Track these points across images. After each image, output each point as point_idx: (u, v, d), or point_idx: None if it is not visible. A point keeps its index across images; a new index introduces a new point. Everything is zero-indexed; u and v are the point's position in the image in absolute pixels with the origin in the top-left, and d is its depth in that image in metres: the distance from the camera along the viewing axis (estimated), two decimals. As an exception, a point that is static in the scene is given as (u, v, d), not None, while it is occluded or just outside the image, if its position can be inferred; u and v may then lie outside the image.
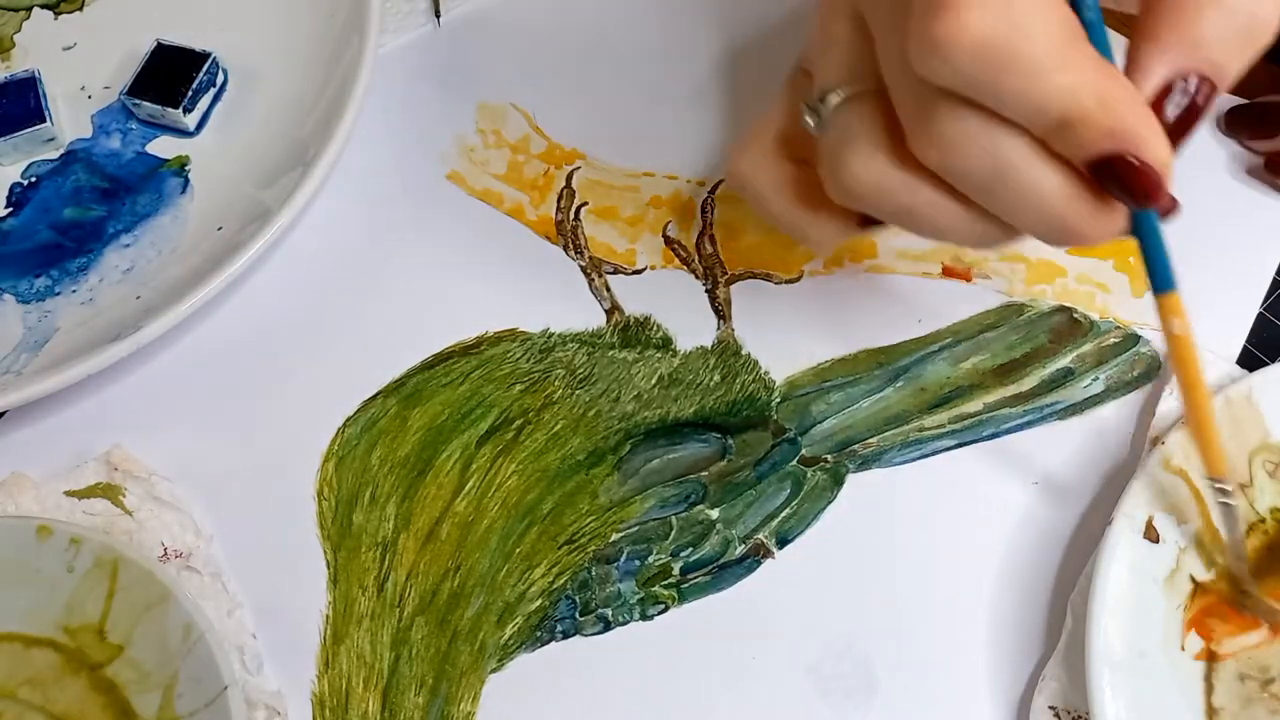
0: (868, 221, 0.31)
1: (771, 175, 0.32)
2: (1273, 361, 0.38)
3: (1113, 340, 0.40)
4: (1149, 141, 0.25)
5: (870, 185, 0.28)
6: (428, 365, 0.41)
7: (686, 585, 0.37)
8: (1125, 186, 0.26)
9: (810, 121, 0.30)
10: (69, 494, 0.38)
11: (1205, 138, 0.43)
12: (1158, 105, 0.27)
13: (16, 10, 0.49)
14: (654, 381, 0.40)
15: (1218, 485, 0.33)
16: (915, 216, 0.28)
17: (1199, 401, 0.31)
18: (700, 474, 0.39)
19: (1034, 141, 0.26)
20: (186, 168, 0.45)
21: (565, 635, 0.37)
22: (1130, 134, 0.25)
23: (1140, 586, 0.34)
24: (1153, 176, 0.26)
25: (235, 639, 0.36)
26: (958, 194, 0.28)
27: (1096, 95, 0.25)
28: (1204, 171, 0.42)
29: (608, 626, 0.37)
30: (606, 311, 0.42)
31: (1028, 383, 0.39)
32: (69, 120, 0.46)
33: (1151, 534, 0.35)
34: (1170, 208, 0.27)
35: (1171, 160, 0.26)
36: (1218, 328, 0.40)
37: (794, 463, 0.39)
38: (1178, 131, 0.27)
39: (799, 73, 0.33)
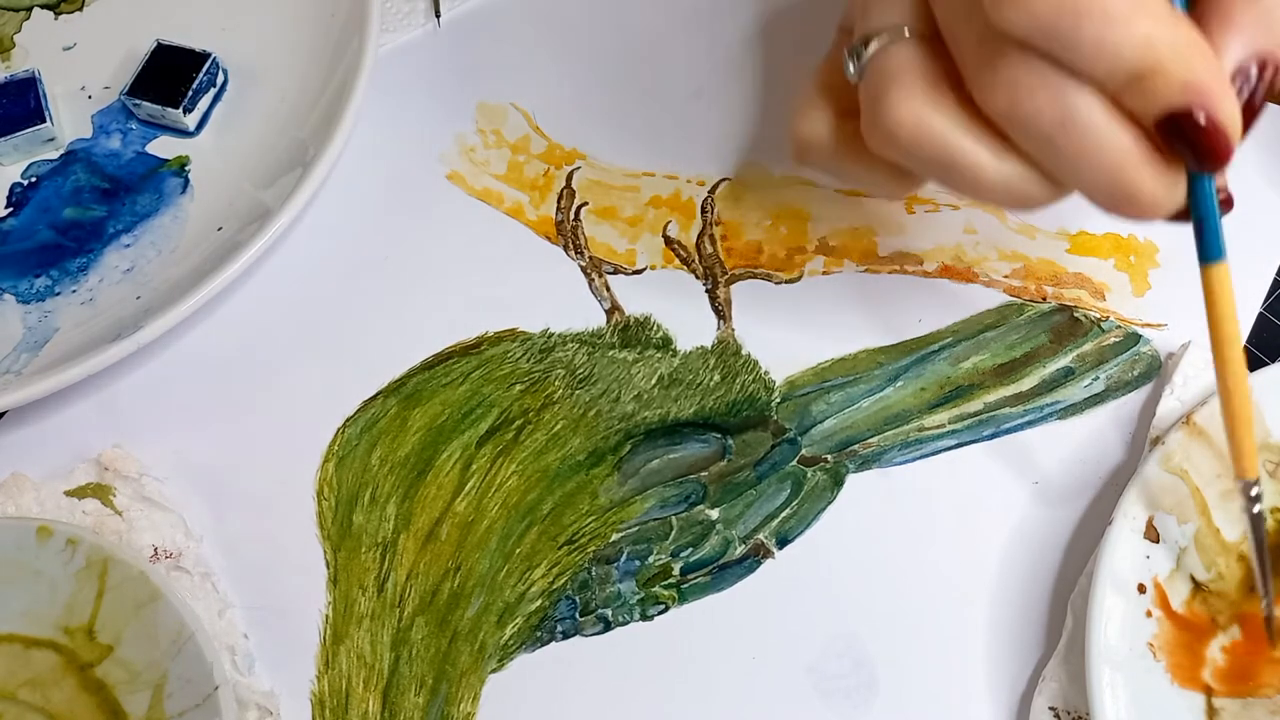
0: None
1: (829, 134, 0.32)
2: (1273, 361, 0.38)
3: (1113, 340, 0.40)
4: (1221, 99, 0.25)
5: (907, 128, 0.28)
6: (428, 365, 0.41)
7: (686, 585, 0.37)
8: (1193, 144, 0.25)
9: (851, 68, 0.30)
10: (68, 494, 0.38)
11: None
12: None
13: (16, 10, 0.49)
14: (654, 381, 0.40)
15: (1249, 490, 0.31)
16: (954, 167, 0.28)
17: (1238, 388, 0.29)
18: (700, 474, 0.39)
19: (1104, 97, 0.25)
20: (186, 168, 0.45)
21: (565, 635, 0.37)
22: (1204, 88, 0.25)
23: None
24: (1221, 136, 0.25)
25: (226, 639, 0.36)
26: (1006, 146, 0.27)
27: (1172, 46, 0.25)
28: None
29: (608, 626, 0.37)
30: (606, 311, 0.42)
31: (1028, 382, 0.39)
32: (69, 120, 0.46)
33: (1151, 534, 0.35)
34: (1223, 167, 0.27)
35: (1239, 124, 0.25)
36: (1218, 328, 0.40)
37: (794, 463, 0.39)
38: (1247, 114, 0.26)
39: (841, 33, 0.33)
